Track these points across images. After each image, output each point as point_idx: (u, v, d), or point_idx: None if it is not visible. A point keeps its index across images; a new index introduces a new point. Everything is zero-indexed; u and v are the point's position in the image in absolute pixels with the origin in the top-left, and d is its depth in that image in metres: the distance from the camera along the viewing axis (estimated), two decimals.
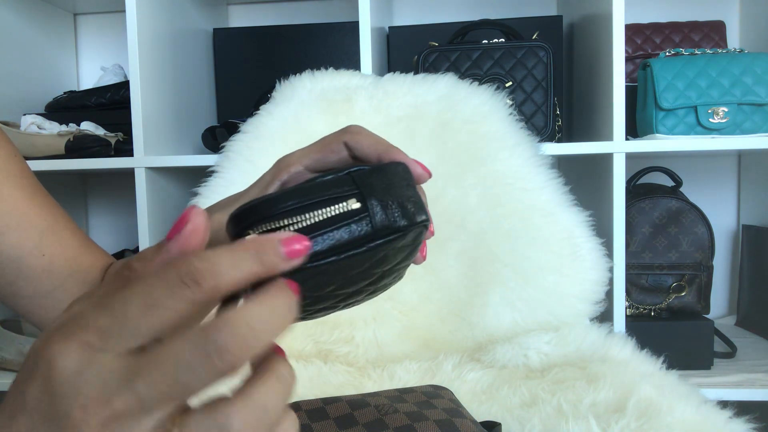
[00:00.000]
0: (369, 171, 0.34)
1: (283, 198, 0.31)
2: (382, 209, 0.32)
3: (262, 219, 0.31)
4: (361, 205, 0.32)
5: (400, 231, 0.33)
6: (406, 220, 0.33)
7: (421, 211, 0.34)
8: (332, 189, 0.32)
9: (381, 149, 0.38)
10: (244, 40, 1.46)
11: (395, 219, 0.33)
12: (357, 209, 0.32)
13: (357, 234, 0.31)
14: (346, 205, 0.32)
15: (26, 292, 0.55)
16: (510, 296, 0.99)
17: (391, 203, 0.33)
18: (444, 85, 1.05)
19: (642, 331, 1.12)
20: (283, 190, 0.32)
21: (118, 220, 1.68)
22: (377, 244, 0.32)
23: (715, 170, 1.51)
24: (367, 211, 0.32)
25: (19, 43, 1.44)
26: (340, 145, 0.39)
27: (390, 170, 0.35)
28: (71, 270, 0.56)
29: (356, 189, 0.32)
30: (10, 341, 1.27)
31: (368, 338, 0.98)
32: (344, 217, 0.31)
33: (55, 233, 0.56)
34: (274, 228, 0.31)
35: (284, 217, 0.31)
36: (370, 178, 0.33)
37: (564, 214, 1.00)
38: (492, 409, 0.74)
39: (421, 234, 0.35)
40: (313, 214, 0.31)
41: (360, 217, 0.32)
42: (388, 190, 0.33)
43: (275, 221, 0.31)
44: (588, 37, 1.29)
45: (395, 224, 0.32)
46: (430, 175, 0.38)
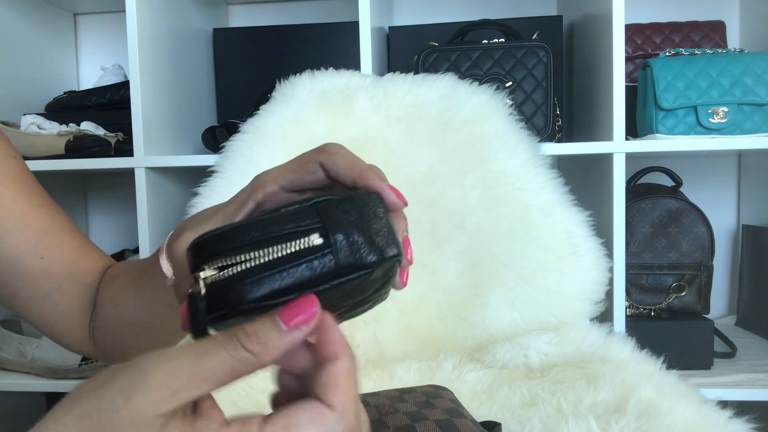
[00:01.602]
0: (336, 202, 0.31)
1: (243, 231, 0.30)
2: (347, 245, 0.30)
3: (220, 253, 0.30)
4: (323, 241, 0.30)
5: (367, 268, 0.30)
6: (375, 256, 0.31)
7: (391, 245, 0.32)
8: (295, 222, 0.30)
9: (356, 173, 0.36)
10: (244, 40, 1.46)
11: (361, 255, 0.30)
12: (319, 245, 0.30)
13: (319, 271, 0.29)
14: (307, 241, 0.30)
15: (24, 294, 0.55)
16: (510, 296, 0.99)
17: (358, 238, 0.30)
18: (444, 85, 1.05)
19: (642, 331, 1.12)
20: (245, 222, 0.30)
21: (118, 220, 1.68)
22: (340, 282, 0.30)
23: (715, 170, 1.51)
24: (331, 247, 0.30)
25: (19, 43, 1.44)
26: (315, 166, 0.37)
27: (360, 200, 0.32)
28: (69, 272, 0.56)
29: (320, 222, 0.30)
30: (10, 341, 1.27)
31: (368, 338, 0.98)
32: (305, 254, 0.29)
33: (54, 235, 0.55)
34: (230, 264, 0.29)
35: (243, 251, 0.29)
36: (336, 211, 0.31)
37: (564, 214, 1.00)
38: (492, 409, 0.75)
39: (392, 267, 0.33)
40: (273, 250, 0.29)
41: (323, 253, 0.30)
42: (355, 224, 0.31)
43: (233, 256, 0.29)
44: (588, 37, 1.29)
45: (361, 261, 0.30)
46: (406, 204, 0.36)
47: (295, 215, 0.30)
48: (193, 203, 1.03)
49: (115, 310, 0.53)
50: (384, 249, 0.31)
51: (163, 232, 1.27)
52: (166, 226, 1.28)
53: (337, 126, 1.04)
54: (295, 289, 0.29)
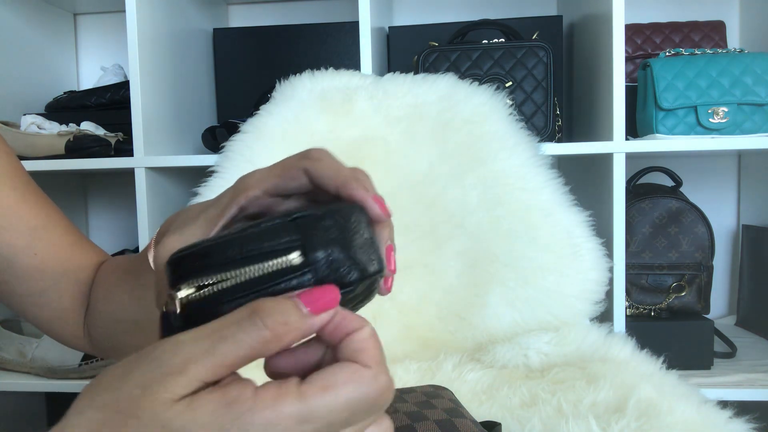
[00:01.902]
0: (318, 218, 0.31)
1: (221, 248, 0.29)
2: (327, 264, 0.29)
3: (196, 271, 0.29)
4: (303, 260, 0.29)
5: (348, 286, 0.30)
6: (356, 273, 0.30)
7: (372, 261, 0.32)
8: (274, 239, 0.29)
9: (340, 182, 0.35)
10: (244, 40, 1.46)
11: (341, 274, 0.30)
12: (299, 264, 0.29)
13: (300, 290, 0.29)
14: (286, 260, 0.29)
15: (20, 291, 0.55)
16: (510, 296, 0.99)
17: (339, 255, 0.30)
18: (444, 85, 1.05)
19: (642, 331, 1.12)
20: (223, 239, 0.30)
21: (118, 220, 1.68)
22: None
23: (715, 170, 1.51)
24: (310, 266, 0.29)
25: (19, 43, 1.44)
26: (299, 172, 0.36)
27: (343, 214, 0.32)
28: (64, 269, 0.55)
29: (299, 240, 0.29)
30: (10, 341, 1.27)
31: None
32: (284, 273, 0.29)
33: (48, 232, 0.55)
34: (207, 284, 0.29)
35: (220, 270, 0.29)
36: (316, 227, 0.30)
37: (564, 214, 1.00)
38: (492, 409, 0.75)
39: (374, 282, 0.33)
40: (251, 270, 0.29)
41: (303, 272, 0.29)
42: (336, 241, 0.30)
43: (210, 276, 0.29)
44: (588, 37, 1.29)
45: (341, 279, 0.30)
46: (389, 216, 0.35)
47: (275, 231, 0.30)
48: (193, 203, 1.03)
49: (108, 306, 0.53)
50: (365, 266, 0.31)
51: None
52: None
53: (337, 126, 1.04)
54: None
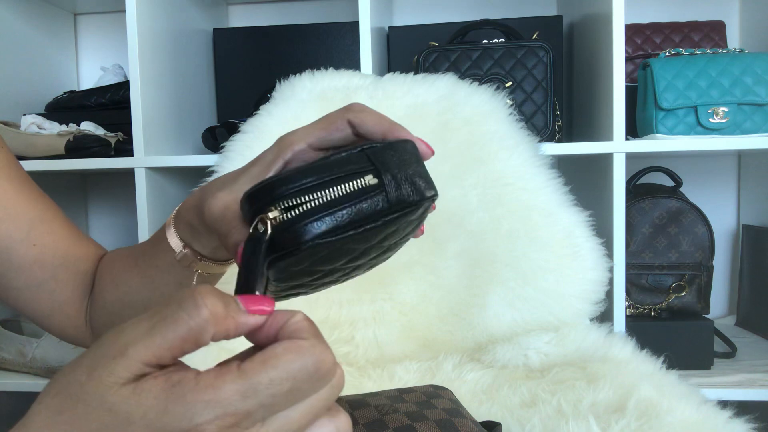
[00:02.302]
0: (382, 148, 0.34)
1: (300, 175, 0.32)
2: (396, 185, 0.33)
3: (280, 197, 0.32)
4: (378, 181, 0.33)
5: (413, 205, 0.34)
6: (418, 195, 0.34)
7: (430, 187, 0.36)
8: (349, 165, 0.33)
9: (385, 127, 0.39)
10: (244, 40, 1.46)
11: (408, 194, 0.33)
12: (374, 185, 0.33)
13: (374, 208, 0.32)
14: (363, 181, 0.32)
15: (17, 284, 0.55)
16: (510, 296, 0.99)
17: (404, 179, 0.34)
18: (444, 85, 1.05)
19: (642, 331, 1.12)
20: (299, 168, 0.32)
21: (118, 220, 1.68)
22: (391, 218, 0.33)
23: (715, 170, 1.51)
24: (383, 187, 0.33)
25: (19, 43, 1.44)
26: (344, 123, 0.39)
27: (399, 147, 0.35)
28: (63, 260, 0.56)
29: (372, 165, 0.33)
30: (10, 341, 1.27)
31: (368, 338, 0.98)
32: (362, 193, 0.32)
33: (45, 224, 0.55)
34: (293, 205, 0.31)
35: (303, 194, 0.32)
36: (383, 155, 0.34)
37: (564, 214, 1.00)
38: (492, 409, 0.75)
39: (428, 208, 0.37)
40: (332, 191, 0.32)
41: (376, 192, 0.32)
42: (400, 166, 0.34)
43: (294, 198, 0.32)
44: (588, 37, 1.29)
45: (408, 198, 0.33)
46: (433, 153, 0.39)
47: (350, 160, 0.33)
48: None
49: (117, 292, 0.54)
50: (425, 189, 0.35)
51: None
52: None
53: None
54: (353, 226, 0.32)
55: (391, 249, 0.38)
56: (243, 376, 0.26)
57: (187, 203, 0.45)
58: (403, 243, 0.39)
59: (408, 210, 0.34)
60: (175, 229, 0.47)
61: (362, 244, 0.34)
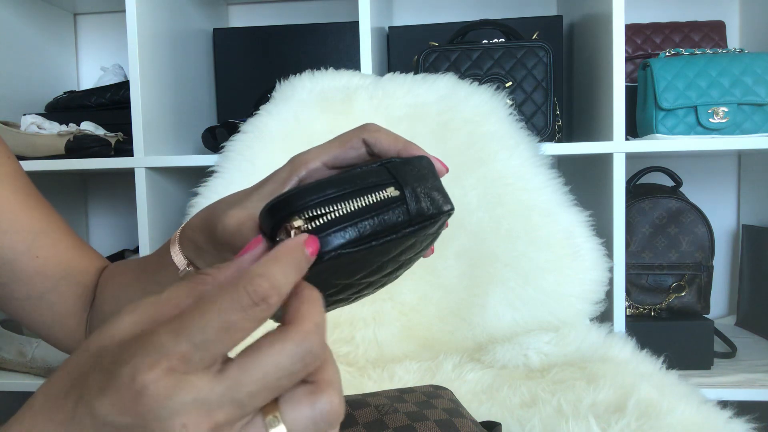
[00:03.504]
0: (401, 162, 0.35)
1: (324, 186, 0.32)
2: (416, 198, 0.34)
3: (303, 207, 0.32)
4: (399, 194, 0.33)
5: (432, 218, 0.34)
6: (436, 208, 0.35)
7: (447, 201, 0.37)
8: (370, 178, 0.34)
9: (400, 146, 0.39)
10: (244, 40, 1.46)
11: (428, 207, 0.34)
12: (396, 197, 0.33)
13: (395, 221, 0.33)
14: (386, 194, 0.33)
15: (19, 294, 0.55)
16: (510, 296, 0.99)
17: (423, 192, 0.35)
18: (444, 85, 1.05)
19: (642, 331, 1.12)
20: (321, 180, 0.33)
21: (118, 220, 1.68)
22: (411, 231, 0.33)
23: (715, 170, 1.51)
24: (404, 199, 0.33)
25: (19, 43, 1.44)
26: (359, 142, 0.40)
27: (417, 163, 0.36)
28: (64, 272, 0.56)
29: (393, 179, 0.34)
30: (10, 341, 1.27)
31: (368, 338, 0.98)
32: (384, 205, 0.33)
33: (49, 235, 0.55)
34: (316, 215, 0.32)
35: (327, 204, 0.32)
36: (403, 170, 0.35)
37: (564, 214, 1.00)
38: (492, 409, 0.74)
39: (443, 223, 0.38)
40: (355, 202, 0.32)
41: (397, 205, 0.33)
42: (419, 181, 0.35)
43: (317, 208, 0.32)
44: (588, 37, 1.29)
45: (428, 212, 0.34)
46: (447, 170, 0.40)
47: (371, 173, 0.34)
48: (193, 203, 1.03)
49: (117, 306, 0.53)
50: (442, 204, 0.36)
51: (163, 232, 1.27)
52: (166, 226, 1.28)
53: (337, 126, 1.04)
54: (374, 237, 0.32)
55: (404, 265, 0.38)
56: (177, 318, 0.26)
57: (192, 223, 0.45)
58: (415, 260, 0.39)
59: (427, 223, 0.34)
60: (180, 247, 0.47)
61: (381, 257, 0.34)
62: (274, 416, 0.26)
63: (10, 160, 0.55)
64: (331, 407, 0.27)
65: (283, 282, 0.27)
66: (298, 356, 0.26)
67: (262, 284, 0.26)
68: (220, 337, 0.25)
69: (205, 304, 0.26)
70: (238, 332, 0.26)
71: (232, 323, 0.25)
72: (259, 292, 0.26)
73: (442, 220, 0.36)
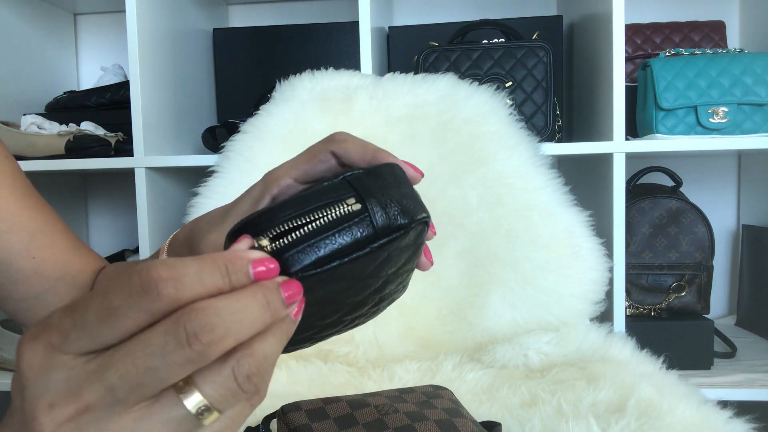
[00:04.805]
0: (364, 173, 0.33)
1: (282, 207, 0.31)
2: (381, 209, 0.32)
3: (263, 230, 0.30)
4: (361, 206, 0.31)
5: (402, 229, 0.32)
6: (407, 218, 0.32)
7: (420, 209, 0.34)
8: (331, 193, 0.32)
9: (369, 155, 0.37)
10: (244, 40, 1.46)
11: (395, 217, 0.32)
12: (357, 210, 0.31)
13: (359, 235, 0.31)
14: (346, 207, 0.31)
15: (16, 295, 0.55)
16: (510, 296, 0.99)
17: (390, 202, 0.32)
18: (444, 85, 1.05)
19: (642, 331, 1.12)
20: (282, 201, 0.31)
21: (118, 220, 1.68)
22: (380, 245, 0.31)
23: (715, 170, 1.51)
24: (368, 212, 0.31)
25: (19, 43, 1.44)
26: (327, 155, 0.38)
27: (385, 171, 0.34)
28: (61, 273, 0.56)
29: (354, 191, 0.32)
30: (10, 341, 1.27)
31: (368, 338, 0.98)
32: (345, 220, 0.31)
33: (46, 236, 0.55)
34: (275, 235, 0.30)
35: (286, 225, 0.30)
36: (366, 180, 0.33)
37: (564, 214, 1.00)
38: (492, 409, 0.74)
39: (422, 232, 0.35)
40: (314, 218, 0.30)
41: (360, 218, 0.31)
42: (385, 190, 0.33)
43: (276, 229, 0.30)
44: (588, 37, 1.29)
45: (396, 222, 0.32)
46: (423, 176, 0.38)
47: (331, 188, 0.32)
48: (193, 203, 1.04)
49: None
50: (414, 212, 0.33)
51: (163, 232, 1.27)
52: (166, 226, 1.28)
53: (337, 126, 1.04)
54: (339, 255, 0.30)
55: (390, 282, 0.35)
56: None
57: (178, 237, 0.45)
58: (403, 276, 0.37)
59: (396, 235, 0.32)
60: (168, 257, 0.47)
61: (352, 277, 0.32)
62: (185, 382, 0.25)
63: (8, 160, 0.55)
64: (249, 368, 0.25)
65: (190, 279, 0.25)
66: (170, 332, 0.24)
67: (160, 271, 0.24)
68: (99, 319, 0.24)
69: (97, 289, 0.25)
70: (118, 318, 0.24)
71: (113, 306, 0.24)
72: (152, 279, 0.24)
73: (417, 229, 0.34)
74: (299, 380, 0.87)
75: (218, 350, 0.24)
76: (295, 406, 0.57)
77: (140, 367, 0.23)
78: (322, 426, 0.54)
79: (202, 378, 0.25)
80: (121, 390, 0.24)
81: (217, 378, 0.25)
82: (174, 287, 0.24)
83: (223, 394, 0.25)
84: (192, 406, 0.25)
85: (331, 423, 0.54)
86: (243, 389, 0.25)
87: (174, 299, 0.24)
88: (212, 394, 0.25)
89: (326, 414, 0.55)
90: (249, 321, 0.25)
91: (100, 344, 0.24)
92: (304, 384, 0.86)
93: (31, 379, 0.24)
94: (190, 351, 0.23)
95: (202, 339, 0.23)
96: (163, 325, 0.24)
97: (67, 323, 0.24)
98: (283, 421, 0.56)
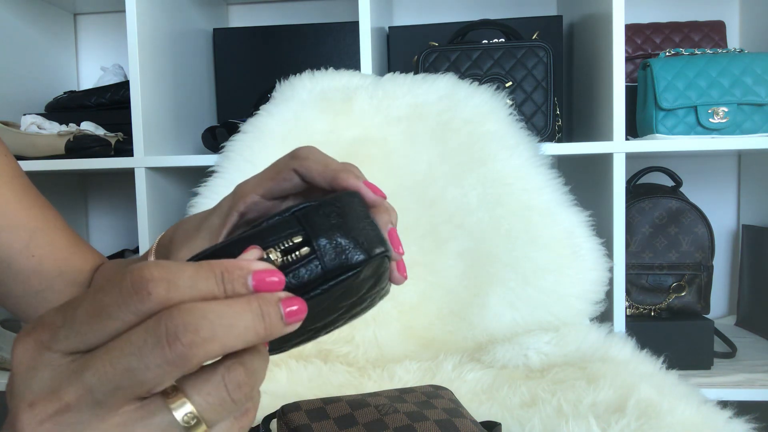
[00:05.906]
0: (315, 207, 0.32)
1: (228, 249, 0.30)
2: (332, 248, 0.30)
3: None
4: (308, 249, 0.30)
5: (354, 268, 0.31)
6: (361, 255, 0.31)
7: (376, 243, 0.32)
8: (276, 233, 0.30)
9: (330, 176, 0.36)
10: (244, 40, 1.46)
11: (347, 257, 0.31)
12: (305, 254, 0.30)
13: (307, 278, 0.30)
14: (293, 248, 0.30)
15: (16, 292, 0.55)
16: (510, 296, 0.99)
17: (341, 240, 0.31)
18: (444, 85, 1.05)
19: (642, 331, 1.12)
20: (230, 240, 0.31)
21: (118, 220, 1.68)
22: (330, 286, 0.30)
23: (715, 170, 1.51)
24: (315, 253, 0.30)
25: (19, 43, 1.44)
26: (290, 173, 0.37)
27: (339, 202, 0.33)
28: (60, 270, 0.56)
29: (302, 230, 0.31)
30: (10, 341, 1.27)
31: (368, 338, 0.98)
32: (294, 262, 0.30)
33: (46, 234, 0.56)
34: None
35: None
36: (316, 216, 0.31)
37: (564, 214, 1.00)
38: (492, 409, 0.74)
39: (382, 264, 0.33)
40: (264, 258, 0.29)
41: (309, 260, 0.30)
42: (337, 226, 0.31)
43: None
44: (588, 37, 1.29)
45: (348, 262, 0.31)
46: (384, 197, 0.36)
47: (276, 227, 0.31)
48: (193, 203, 1.04)
49: None
50: (369, 248, 0.31)
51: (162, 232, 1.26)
52: (166, 226, 1.28)
53: (337, 126, 1.04)
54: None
55: (355, 306, 0.34)
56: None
57: (163, 241, 0.46)
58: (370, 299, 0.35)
59: (349, 274, 0.30)
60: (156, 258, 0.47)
61: (312, 311, 0.31)
62: (173, 387, 0.24)
63: (8, 159, 0.56)
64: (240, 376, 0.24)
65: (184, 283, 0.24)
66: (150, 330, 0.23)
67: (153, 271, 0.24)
68: (89, 318, 0.23)
69: (91, 288, 0.25)
70: (107, 318, 0.23)
71: (102, 305, 0.23)
72: (144, 279, 0.23)
73: (373, 264, 0.32)
74: (299, 380, 0.87)
75: (201, 354, 0.23)
76: (295, 406, 0.57)
77: (117, 367, 0.23)
78: (322, 426, 0.54)
79: (190, 385, 0.24)
80: (99, 391, 0.23)
81: (205, 386, 0.24)
82: (165, 288, 0.23)
83: (212, 403, 0.24)
84: (180, 414, 0.24)
85: (331, 423, 0.54)
86: (233, 398, 0.24)
87: (164, 300, 0.23)
88: (201, 402, 0.24)
89: (326, 414, 0.55)
90: (240, 329, 0.24)
91: (88, 343, 0.24)
92: (304, 384, 0.86)
93: (19, 375, 0.24)
94: (169, 351, 0.22)
95: (183, 339, 0.22)
96: (145, 324, 0.23)
97: (58, 321, 0.24)
98: (283, 421, 0.56)
